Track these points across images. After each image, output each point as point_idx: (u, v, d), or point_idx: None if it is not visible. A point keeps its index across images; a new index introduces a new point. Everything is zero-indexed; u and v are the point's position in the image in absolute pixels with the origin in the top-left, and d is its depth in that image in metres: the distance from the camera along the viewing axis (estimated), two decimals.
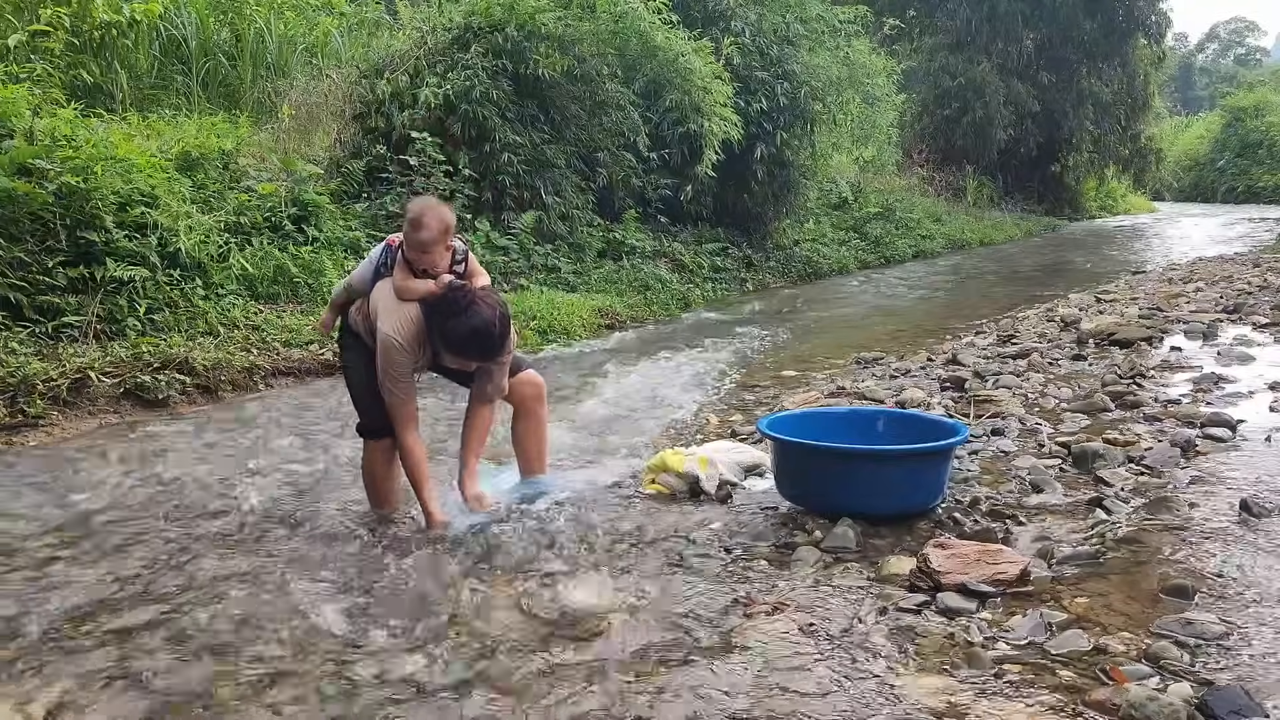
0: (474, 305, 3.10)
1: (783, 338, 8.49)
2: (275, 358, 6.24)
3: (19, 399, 4.98)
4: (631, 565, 3.01)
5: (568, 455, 4.40)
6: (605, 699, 2.21)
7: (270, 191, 7.65)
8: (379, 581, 2.95)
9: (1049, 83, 25.80)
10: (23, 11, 8.66)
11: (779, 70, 12.18)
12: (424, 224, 3.21)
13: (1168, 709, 1.98)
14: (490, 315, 3.11)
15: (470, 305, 3.10)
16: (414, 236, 3.22)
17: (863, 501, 3.25)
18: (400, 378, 3.24)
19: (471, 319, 3.09)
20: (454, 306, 3.12)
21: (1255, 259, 13.10)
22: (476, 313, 3.09)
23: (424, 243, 3.21)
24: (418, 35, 10.12)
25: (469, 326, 3.10)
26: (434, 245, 3.22)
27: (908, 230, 17.45)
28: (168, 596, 2.90)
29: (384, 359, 3.22)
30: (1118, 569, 2.79)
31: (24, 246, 5.66)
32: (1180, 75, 66.54)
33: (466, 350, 3.19)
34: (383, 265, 3.34)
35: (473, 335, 3.12)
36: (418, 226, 3.21)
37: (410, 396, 3.30)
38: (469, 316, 3.09)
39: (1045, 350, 6.35)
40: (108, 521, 3.62)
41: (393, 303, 3.25)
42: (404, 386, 3.27)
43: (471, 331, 3.11)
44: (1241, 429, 4.12)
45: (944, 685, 2.19)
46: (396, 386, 3.25)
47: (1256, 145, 39.65)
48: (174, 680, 2.37)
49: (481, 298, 3.15)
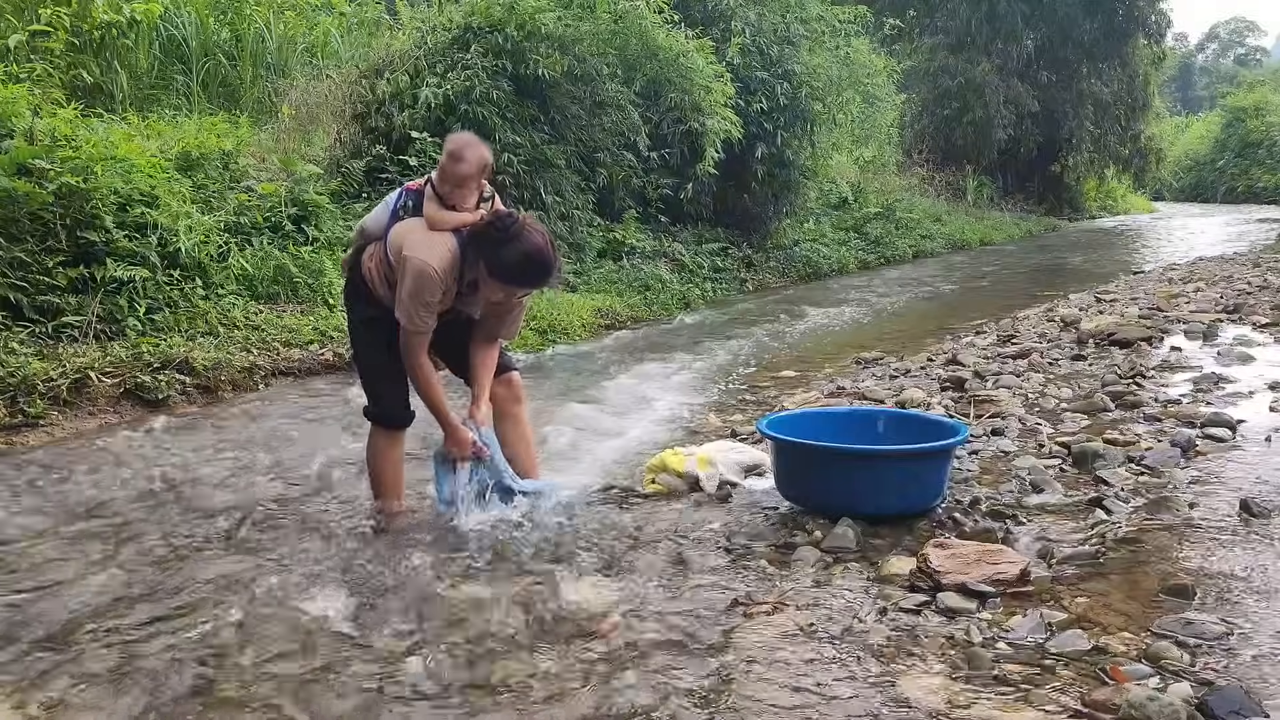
0: (525, 230, 3.05)
1: (783, 338, 8.49)
2: (275, 358, 6.24)
3: (19, 399, 4.98)
4: (631, 565, 3.01)
5: (567, 456, 4.40)
6: (605, 699, 2.21)
7: (270, 191, 7.65)
8: (379, 581, 2.95)
9: (1049, 83, 25.80)
10: (23, 11, 8.66)
11: (779, 70, 12.18)
12: (464, 157, 3.18)
13: (1168, 709, 1.98)
14: (542, 240, 3.07)
15: (522, 230, 3.05)
16: (453, 169, 3.17)
17: (863, 501, 3.25)
18: (428, 305, 3.12)
19: (525, 244, 3.03)
20: (504, 234, 3.05)
21: (1255, 259, 13.10)
22: (529, 238, 3.04)
23: (462, 176, 3.17)
24: (418, 35, 10.12)
25: (522, 250, 3.03)
26: (470, 180, 3.20)
27: (908, 230, 17.44)
28: (167, 596, 2.90)
29: (416, 281, 3.07)
30: (1118, 569, 2.79)
31: (24, 246, 5.66)
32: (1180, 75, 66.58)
33: (520, 278, 3.10)
34: (401, 208, 3.27)
35: (527, 260, 3.05)
36: (457, 159, 3.17)
37: (430, 328, 3.19)
38: (522, 241, 3.03)
39: (1045, 350, 6.35)
40: (107, 521, 3.62)
41: (424, 233, 3.16)
42: (430, 314, 3.15)
43: (525, 256, 3.04)
44: (1241, 429, 4.12)
45: (944, 685, 2.19)
46: (422, 312, 3.11)
47: (1256, 145, 39.63)
48: (174, 680, 2.37)
49: (530, 224, 3.09)
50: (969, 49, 24.78)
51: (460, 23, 9.80)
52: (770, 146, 12.16)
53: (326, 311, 6.94)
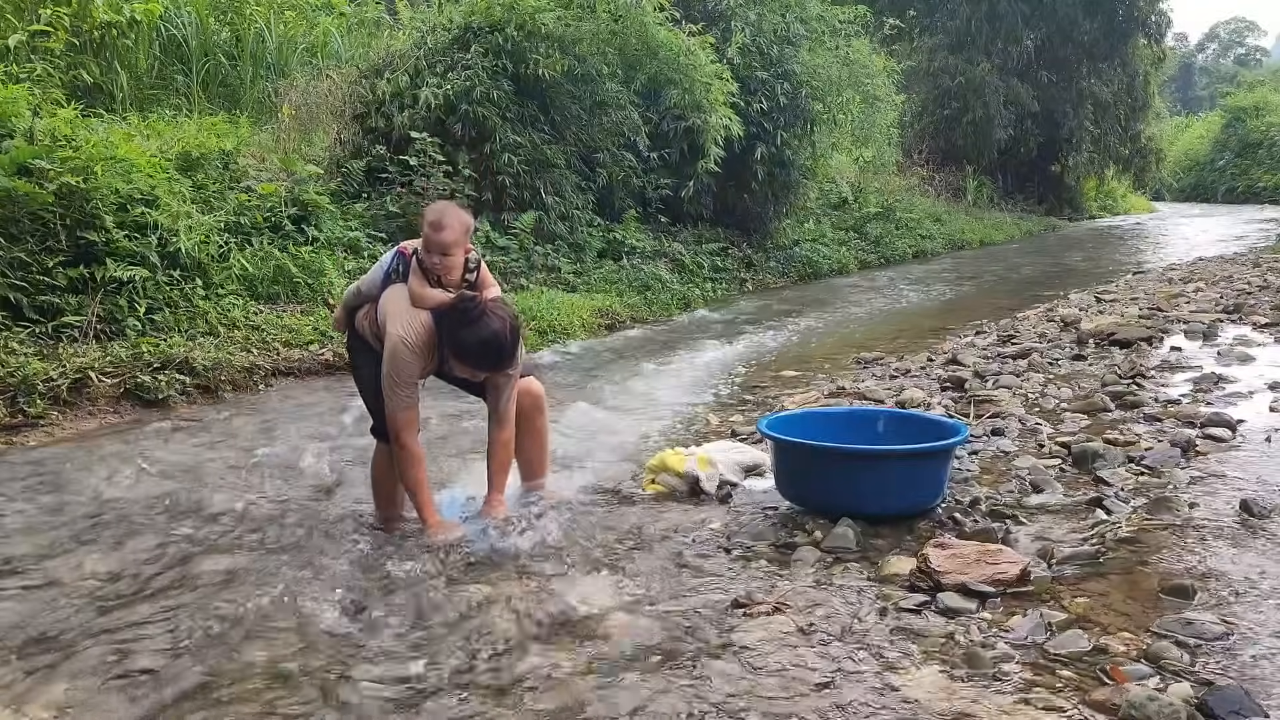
0: (485, 316, 3.12)
1: (783, 338, 8.49)
2: (275, 358, 6.24)
3: (19, 399, 4.98)
4: (631, 565, 3.01)
5: (567, 457, 4.40)
6: (605, 699, 2.21)
7: (270, 191, 7.65)
8: (380, 582, 2.95)
9: (1049, 83, 25.78)
10: (23, 11, 8.65)
11: (779, 70, 12.17)
12: (445, 224, 3.23)
13: (1168, 709, 1.98)
14: (500, 327, 3.13)
15: (481, 316, 3.12)
16: (436, 238, 3.22)
17: (863, 501, 3.25)
18: (405, 383, 3.23)
19: (482, 330, 3.11)
20: (465, 316, 3.13)
21: (1255, 259, 13.10)
22: (487, 324, 3.12)
23: (446, 244, 3.22)
24: (418, 35, 10.12)
25: (479, 337, 3.12)
26: (455, 247, 3.25)
27: (908, 230, 17.44)
28: (168, 596, 2.90)
29: (391, 362, 3.21)
30: (1118, 569, 2.79)
31: (24, 246, 5.66)
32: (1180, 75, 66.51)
33: (476, 360, 3.20)
34: (394, 271, 3.34)
35: (483, 346, 3.14)
36: (439, 228, 3.22)
37: (413, 403, 3.29)
38: (480, 327, 3.11)
39: (1045, 350, 6.36)
40: (107, 521, 3.62)
41: (404, 307, 3.24)
42: (408, 392, 3.25)
43: (481, 342, 3.13)
44: (1241, 429, 4.12)
45: (944, 685, 2.19)
46: (399, 391, 3.23)
47: (1256, 145, 39.60)
48: (173, 680, 2.37)
49: (493, 309, 3.17)
50: (969, 49, 24.78)
51: (460, 23, 9.81)
52: (770, 146, 12.15)
53: (326, 312, 6.92)
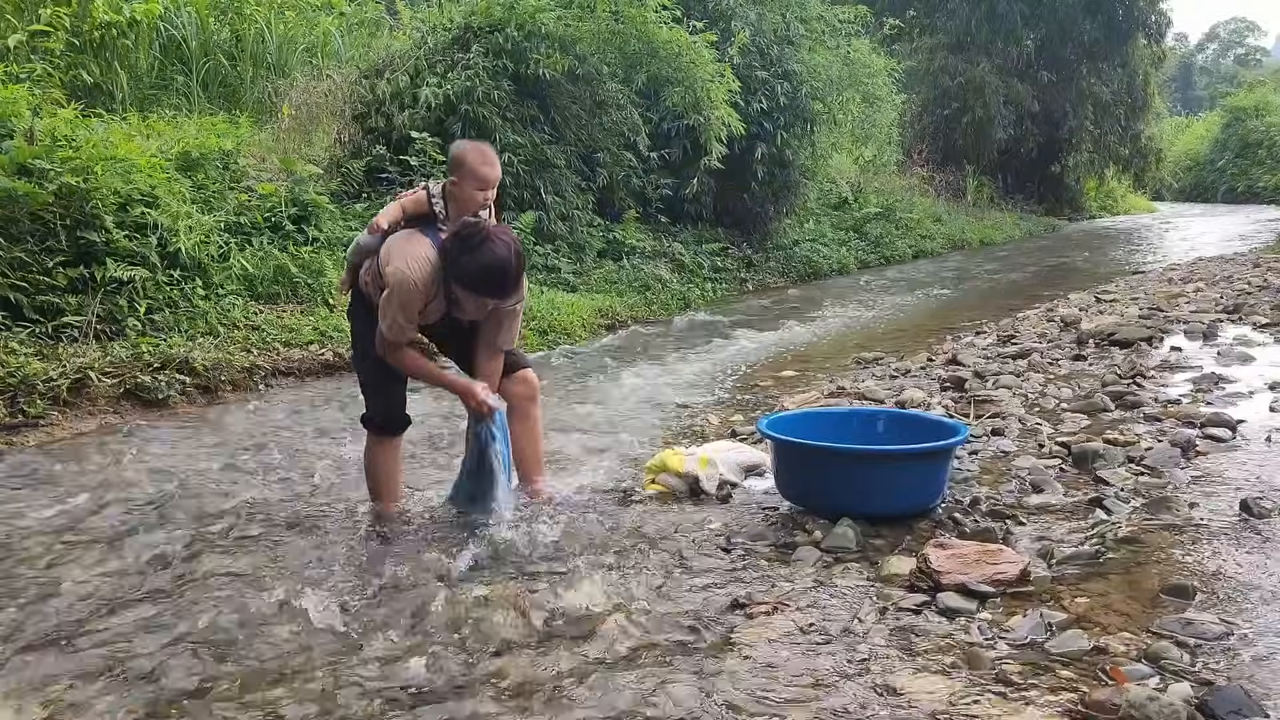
0: (489, 241, 3.03)
1: (783, 338, 8.49)
2: (275, 358, 6.23)
3: (19, 399, 4.97)
4: (631, 565, 3.01)
5: (568, 456, 4.40)
6: (604, 699, 2.21)
7: (270, 191, 7.65)
8: (379, 582, 2.94)
9: (1049, 83, 25.76)
10: (23, 11, 8.65)
11: (779, 70, 12.17)
12: (494, 159, 3.27)
13: (1168, 709, 1.98)
14: (505, 252, 3.05)
15: (485, 241, 3.03)
16: (491, 174, 3.24)
17: (863, 501, 3.25)
18: (409, 317, 3.14)
19: (485, 254, 3.02)
20: (466, 243, 3.04)
21: (1255, 259, 13.10)
22: (491, 249, 3.02)
23: (494, 180, 3.25)
24: (418, 35, 10.12)
25: (481, 262, 3.02)
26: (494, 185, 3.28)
27: (908, 230, 17.42)
28: (167, 596, 2.90)
29: (395, 294, 3.11)
30: (1118, 569, 2.79)
31: (24, 246, 5.66)
32: (1180, 75, 66.54)
33: (480, 287, 3.08)
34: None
35: (486, 271, 3.03)
36: (492, 163, 3.26)
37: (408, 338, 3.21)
38: (483, 253, 3.02)
39: (1045, 350, 6.36)
40: (107, 521, 3.62)
41: (405, 245, 3.17)
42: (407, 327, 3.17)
43: (484, 267, 3.03)
44: (1241, 429, 4.12)
45: (944, 685, 2.19)
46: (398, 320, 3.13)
47: (1256, 145, 39.57)
48: (173, 680, 2.37)
49: (496, 234, 3.08)
50: (969, 49, 24.76)
51: (460, 23, 9.80)
52: (770, 146, 12.15)
53: (326, 311, 6.94)
